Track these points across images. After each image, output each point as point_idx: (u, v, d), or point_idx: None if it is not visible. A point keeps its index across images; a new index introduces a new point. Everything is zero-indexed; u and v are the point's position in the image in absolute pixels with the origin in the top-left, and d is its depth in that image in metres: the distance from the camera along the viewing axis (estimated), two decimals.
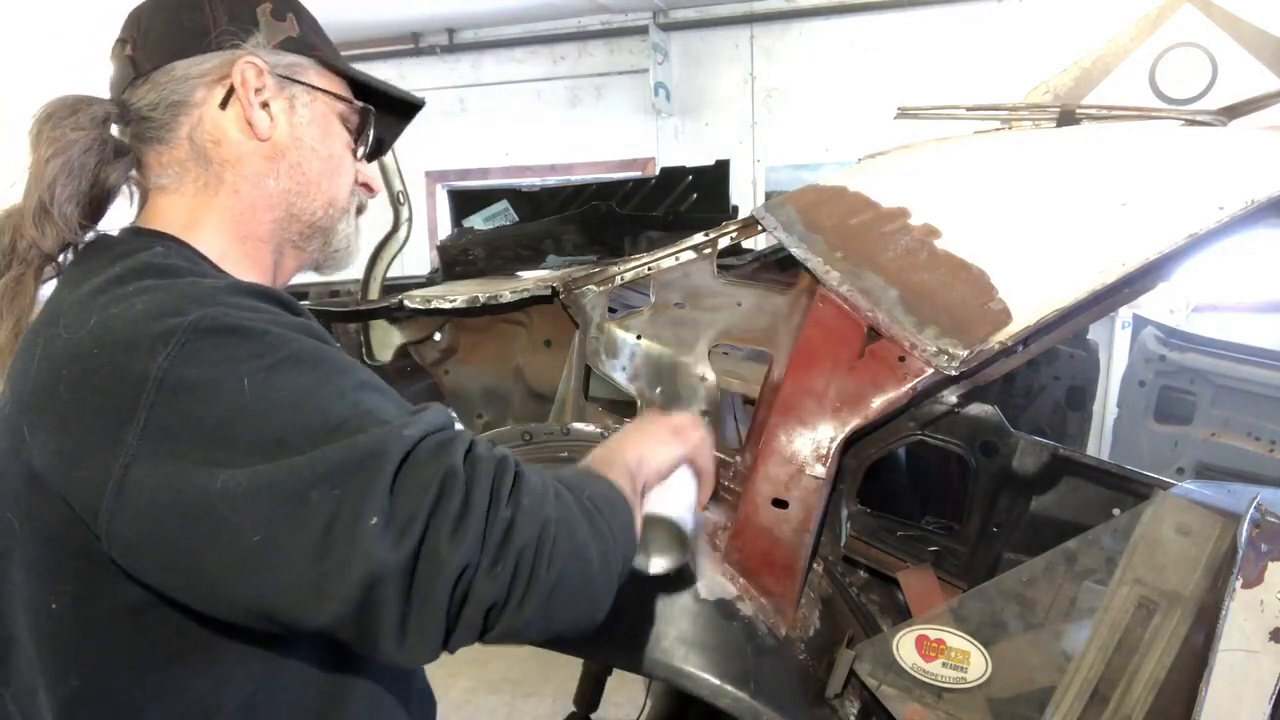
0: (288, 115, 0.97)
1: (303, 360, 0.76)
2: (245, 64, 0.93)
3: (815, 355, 1.34)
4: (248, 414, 0.72)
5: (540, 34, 5.94)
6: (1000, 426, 1.34)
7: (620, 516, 0.88)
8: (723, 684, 1.22)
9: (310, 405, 0.74)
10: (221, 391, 0.73)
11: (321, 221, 1.01)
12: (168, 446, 0.72)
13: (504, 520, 0.72)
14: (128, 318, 0.76)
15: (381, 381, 0.83)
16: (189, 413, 0.72)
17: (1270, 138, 1.39)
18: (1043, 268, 1.28)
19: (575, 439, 1.54)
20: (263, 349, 0.75)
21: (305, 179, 0.98)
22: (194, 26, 0.94)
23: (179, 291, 0.79)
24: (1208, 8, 2.17)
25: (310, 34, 1.00)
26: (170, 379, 0.72)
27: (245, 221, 0.96)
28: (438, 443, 0.74)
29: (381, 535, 0.68)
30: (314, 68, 1.00)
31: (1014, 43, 4.82)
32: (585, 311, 1.61)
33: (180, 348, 0.73)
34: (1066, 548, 1.20)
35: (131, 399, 0.72)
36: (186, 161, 0.94)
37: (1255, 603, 1.04)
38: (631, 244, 2.68)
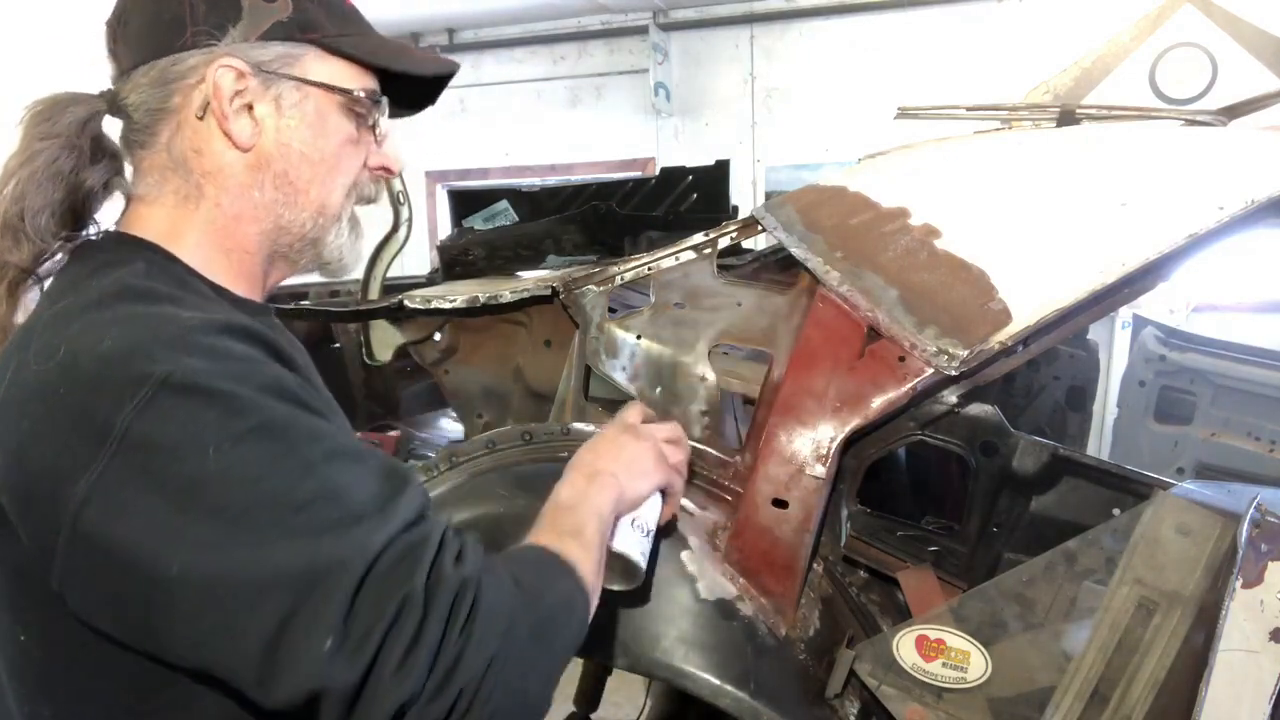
0: (274, 118, 0.89)
1: (271, 429, 0.73)
2: (221, 68, 0.85)
3: (815, 355, 1.33)
4: (209, 485, 0.70)
5: (540, 34, 5.94)
6: (1000, 426, 1.34)
7: (575, 623, 0.86)
8: (723, 684, 1.22)
9: (274, 482, 0.71)
10: (185, 457, 0.70)
11: (312, 232, 0.94)
12: (121, 504, 0.70)
13: (452, 653, 0.70)
14: (96, 354, 0.73)
15: (354, 444, 0.79)
16: (148, 472, 0.70)
17: (1270, 138, 1.39)
18: (1043, 268, 1.28)
19: (575, 439, 1.54)
20: (231, 415, 0.71)
21: (293, 188, 0.91)
22: (171, 19, 0.86)
23: (151, 329, 0.75)
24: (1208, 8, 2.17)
25: (310, 8, 0.90)
26: (133, 435, 0.69)
27: (229, 235, 0.90)
28: (402, 552, 0.71)
29: (333, 656, 0.67)
30: (311, 54, 0.90)
31: (1014, 43, 4.82)
32: (585, 311, 1.61)
33: (147, 402, 0.70)
34: (1066, 548, 1.20)
35: (91, 448, 0.70)
36: (166, 170, 0.89)
37: (1255, 603, 1.04)
38: (631, 244, 2.67)
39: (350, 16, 0.95)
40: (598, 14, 5.73)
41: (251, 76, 0.87)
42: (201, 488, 0.70)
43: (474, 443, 1.57)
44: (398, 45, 0.98)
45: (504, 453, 1.54)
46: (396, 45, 0.98)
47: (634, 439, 1.10)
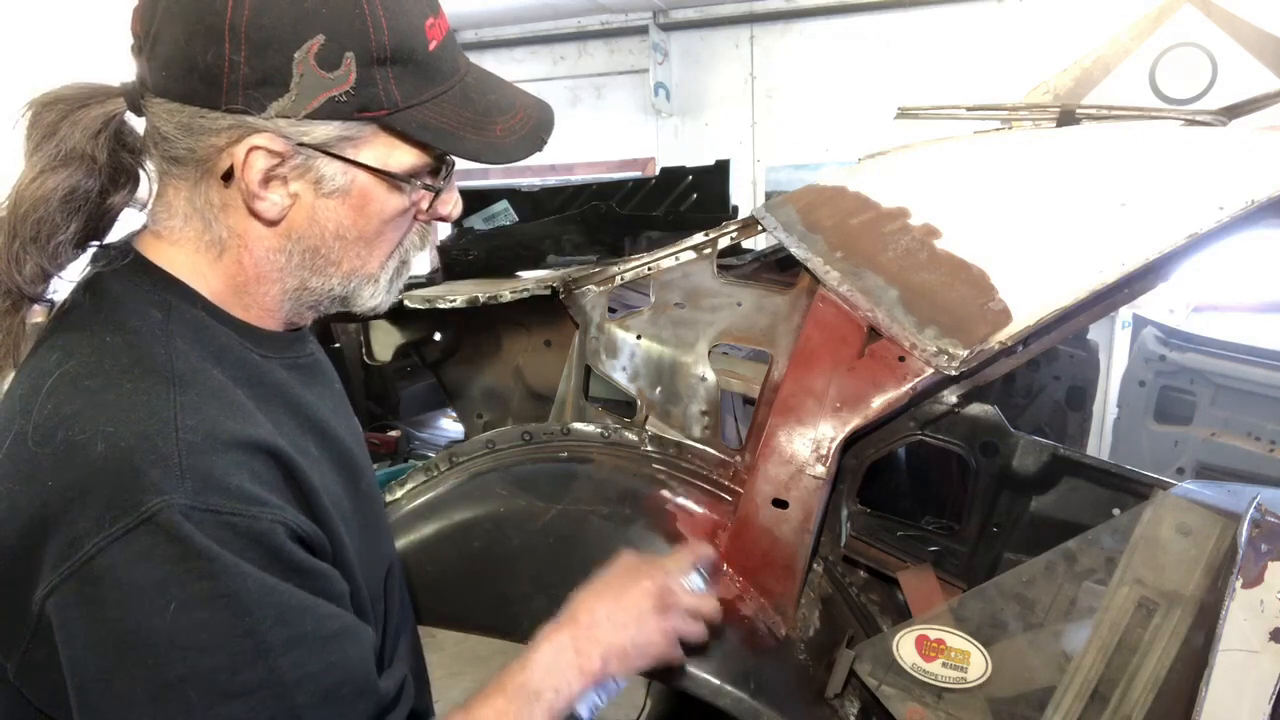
0: (310, 196, 0.79)
1: (237, 601, 0.68)
2: (252, 149, 0.75)
3: (815, 355, 1.33)
4: (154, 642, 0.67)
5: (540, 34, 5.93)
6: (1000, 426, 1.34)
7: None
8: (723, 684, 1.22)
9: (219, 658, 0.68)
10: (140, 605, 0.67)
11: (340, 291, 0.86)
12: (74, 624, 0.68)
13: None
14: (88, 460, 0.69)
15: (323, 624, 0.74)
16: (102, 606, 0.67)
17: (1270, 138, 1.39)
18: (1043, 268, 1.27)
19: (575, 439, 1.54)
20: (201, 576, 0.67)
21: (324, 260, 0.83)
22: (205, 70, 0.73)
23: (149, 438, 0.70)
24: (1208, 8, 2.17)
25: (379, 78, 0.76)
26: (99, 562, 0.67)
27: (249, 291, 0.84)
28: None
29: None
30: (369, 134, 0.78)
31: (1014, 43, 4.81)
32: (585, 311, 1.61)
33: (123, 534, 0.67)
34: (1066, 548, 1.20)
35: (57, 557, 0.68)
36: (190, 213, 0.81)
37: (1255, 603, 1.04)
38: (631, 244, 2.68)
39: (433, 69, 0.81)
40: (598, 14, 5.73)
41: (291, 155, 0.77)
42: (146, 642, 0.67)
43: (474, 443, 1.57)
44: (481, 110, 0.84)
45: (504, 453, 1.55)
46: (480, 110, 0.84)
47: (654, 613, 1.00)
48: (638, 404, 1.57)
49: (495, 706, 0.88)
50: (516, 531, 1.41)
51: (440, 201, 0.88)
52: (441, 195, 0.87)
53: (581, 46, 5.94)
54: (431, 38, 0.80)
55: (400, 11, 0.77)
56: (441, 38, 0.81)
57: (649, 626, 0.99)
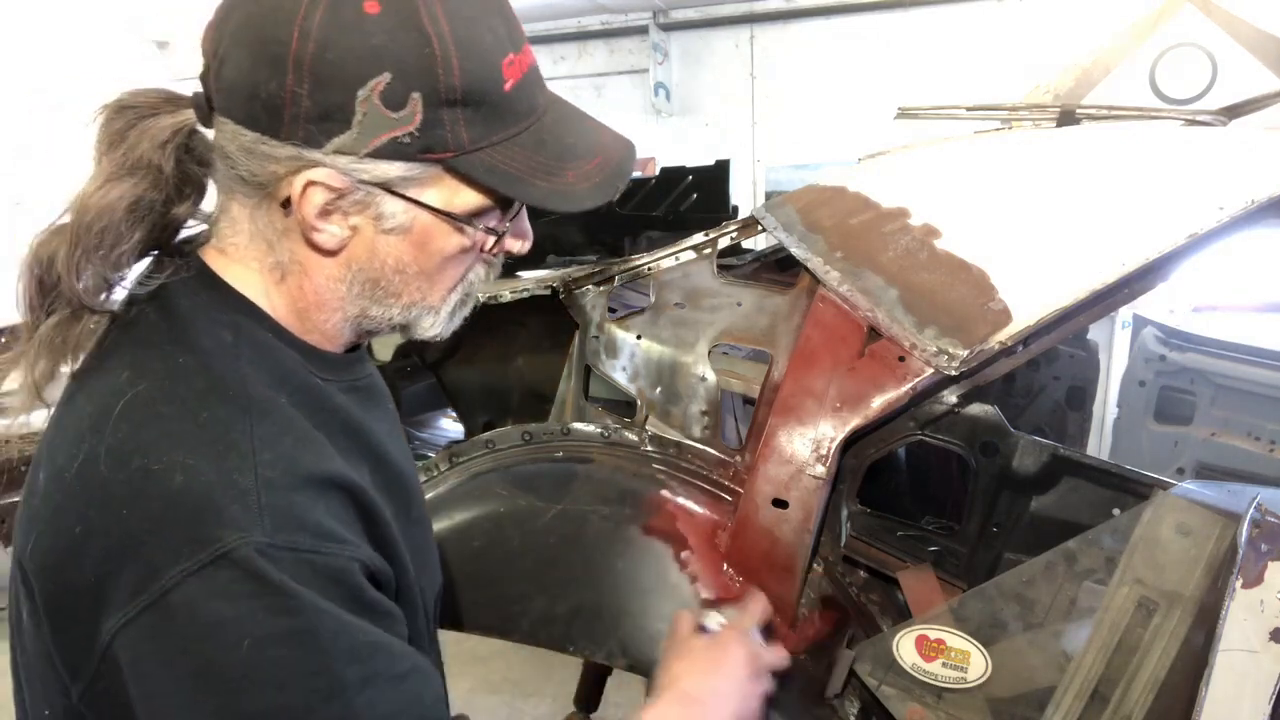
0: (371, 230, 0.78)
1: (313, 638, 0.68)
2: (310, 185, 0.74)
3: (815, 355, 1.33)
4: (231, 678, 0.66)
5: (540, 34, 5.93)
6: (1000, 426, 1.34)
7: None
8: None
9: (296, 696, 0.67)
10: (218, 641, 0.66)
11: (399, 320, 0.85)
12: (145, 655, 0.68)
13: None
14: (166, 492, 0.68)
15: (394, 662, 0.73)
16: (177, 640, 0.67)
17: (1270, 138, 1.39)
18: (1043, 268, 1.27)
19: (575, 439, 1.54)
20: (278, 613, 0.67)
21: (383, 292, 0.82)
22: (268, 99, 0.71)
23: (227, 474, 0.70)
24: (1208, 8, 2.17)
25: (445, 119, 0.73)
26: (175, 596, 0.66)
27: (310, 317, 0.83)
28: None
29: None
30: (434, 174, 0.76)
31: (1014, 43, 4.82)
32: (585, 311, 1.61)
33: (200, 568, 0.66)
34: (1066, 548, 1.20)
35: (129, 590, 0.67)
36: (254, 234, 0.80)
37: (1255, 603, 1.04)
38: (631, 244, 2.68)
39: (507, 110, 0.77)
40: (598, 14, 5.73)
41: (351, 191, 0.75)
42: (223, 678, 0.66)
43: (474, 443, 1.57)
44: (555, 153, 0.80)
45: (504, 453, 1.55)
46: (554, 154, 0.80)
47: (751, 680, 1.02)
48: (638, 404, 1.57)
49: None
50: (516, 531, 1.41)
51: (508, 240, 0.86)
52: (511, 231, 0.86)
53: (581, 46, 5.94)
54: (509, 77, 0.76)
55: (475, 51, 0.74)
56: (520, 77, 0.78)
57: (748, 694, 1.01)
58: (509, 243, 0.86)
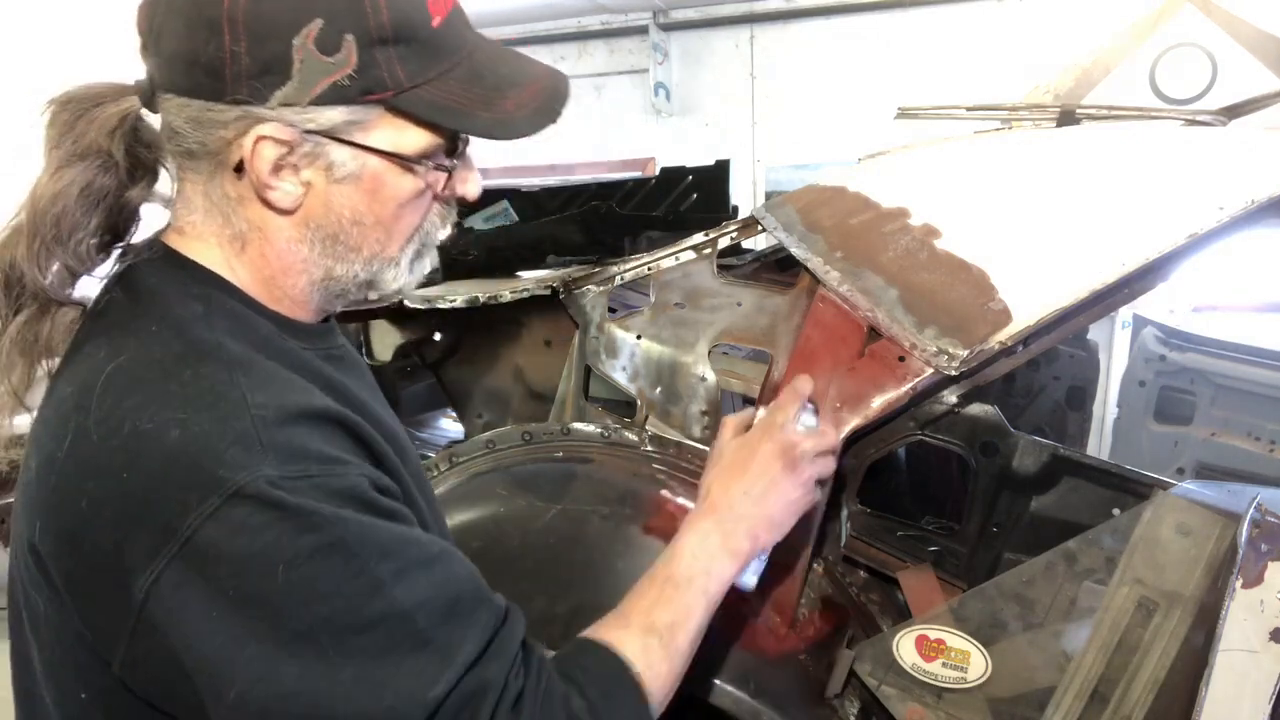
0: (323, 184, 0.79)
1: (342, 546, 0.69)
2: (259, 140, 0.75)
3: (815, 355, 1.33)
4: (274, 603, 0.68)
5: (540, 34, 5.93)
6: (1000, 426, 1.34)
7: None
8: (723, 684, 1.22)
9: (340, 600, 0.69)
10: (252, 572, 0.67)
11: (364, 276, 0.86)
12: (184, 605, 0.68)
13: None
14: (164, 448, 0.69)
15: (426, 550, 0.76)
16: (212, 582, 0.67)
17: (1270, 138, 1.39)
18: (1043, 268, 1.27)
19: (575, 439, 1.54)
20: (302, 531, 0.68)
21: (343, 247, 0.82)
22: (208, 63, 0.73)
23: (221, 421, 0.70)
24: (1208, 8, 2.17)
25: (383, 58, 0.75)
26: (198, 541, 0.67)
27: (277, 284, 0.84)
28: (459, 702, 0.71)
29: None
30: (376, 116, 0.77)
31: (1014, 43, 4.82)
32: (585, 311, 1.61)
33: (215, 510, 0.67)
34: (1066, 548, 1.20)
35: (151, 548, 0.67)
36: (209, 207, 0.81)
37: (1255, 603, 1.04)
38: (631, 244, 2.68)
39: (438, 47, 0.79)
40: (598, 14, 5.73)
41: (299, 143, 0.76)
42: (265, 605, 0.68)
43: (474, 443, 1.57)
44: (491, 85, 0.82)
45: (504, 453, 1.55)
46: (490, 86, 0.82)
47: (785, 473, 1.03)
48: (638, 404, 1.57)
49: (648, 597, 0.91)
50: (516, 532, 1.41)
51: (458, 180, 0.87)
52: (459, 173, 0.86)
53: (581, 46, 5.94)
54: (434, 13, 0.78)
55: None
56: (446, 13, 0.80)
57: (785, 488, 1.02)
58: (459, 184, 0.87)
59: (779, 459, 1.04)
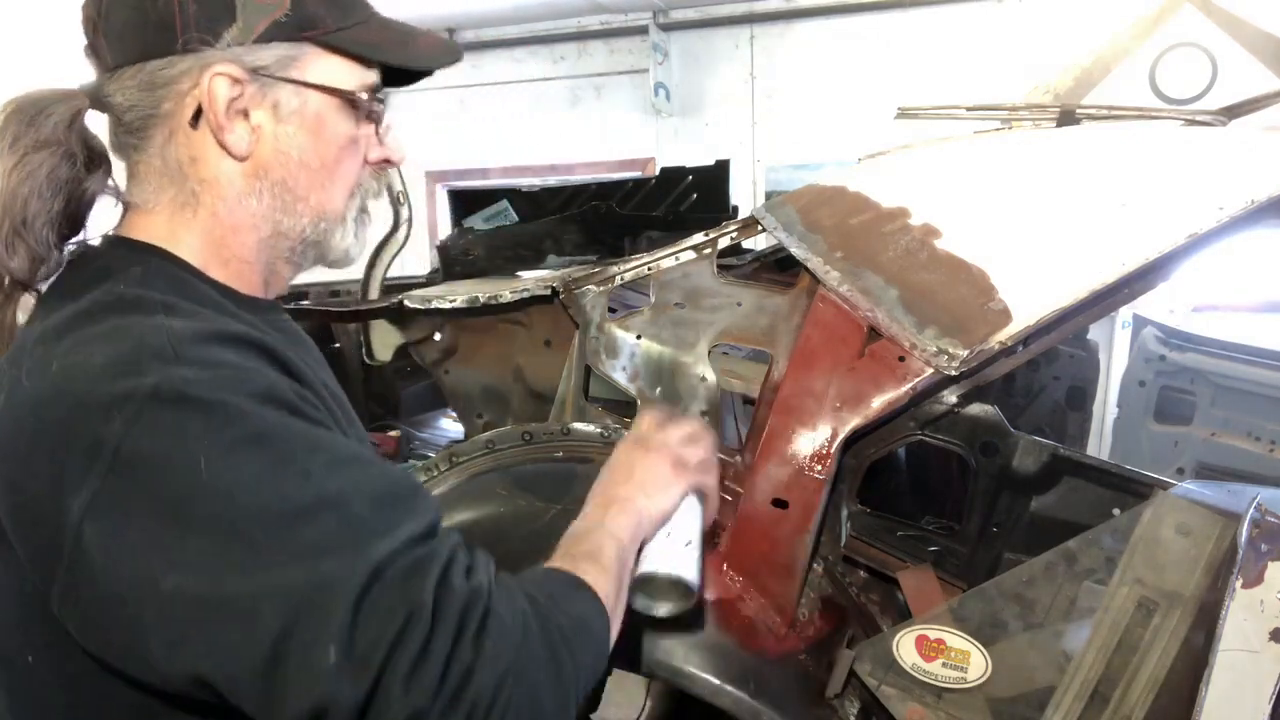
0: (272, 125, 0.85)
1: (265, 437, 0.70)
2: (215, 76, 0.81)
3: (815, 355, 1.33)
4: (202, 496, 0.67)
5: (540, 34, 5.93)
6: (1000, 426, 1.34)
7: (592, 643, 0.83)
8: (723, 684, 1.22)
9: (269, 489, 0.68)
10: (176, 470, 0.68)
11: (312, 235, 0.91)
12: (119, 520, 0.68)
13: (462, 667, 0.68)
14: (87, 370, 0.71)
15: (358, 450, 0.76)
16: (140, 488, 0.68)
17: (1270, 138, 1.39)
18: (1043, 268, 1.28)
19: (575, 439, 1.54)
20: (222, 424, 0.69)
21: (292, 195, 0.88)
22: (158, 19, 0.80)
23: (141, 340, 0.73)
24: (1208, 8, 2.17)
25: (311, 4, 0.85)
26: (124, 450, 0.68)
27: (227, 244, 0.88)
28: (408, 566, 0.69)
29: (338, 671, 0.64)
30: (310, 53, 0.86)
31: (1014, 43, 4.82)
32: (585, 311, 1.61)
33: (135, 416, 0.68)
34: (1066, 548, 1.20)
35: (82, 467, 0.68)
36: (161, 177, 0.86)
37: (1255, 603, 1.04)
38: (631, 244, 2.68)
39: (351, 3, 0.90)
40: (598, 14, 5.73)
41: (248, 83, 0.83)
42: (193, 501, 0.67)
43: (474, 443, 1.57)
44: (401, 32, 0.94)
45: (504, 453, 1.55)
46: (400, 32, 0.93)
47: (644, 453, 1.07)
48: (638, 404, 1.57)
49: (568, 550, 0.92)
50: (517, 532, 1.41)
51: (386, 142, 0.95)
52: (386, 138, 0.95)
53: (581, 46, 5.93)
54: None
55: None
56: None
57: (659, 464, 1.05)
58: (387, 147, 0.95)
59: (635, 449, 1.08)
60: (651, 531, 1.02)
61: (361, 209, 0.96)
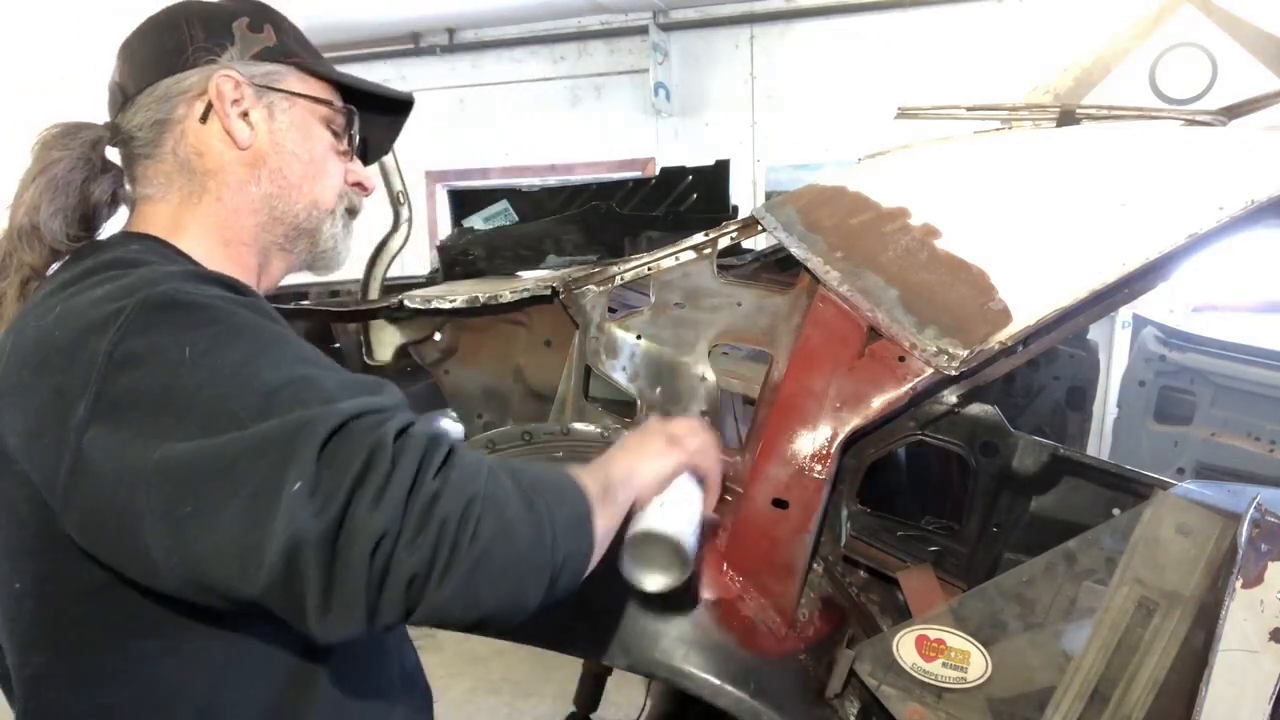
0: (267, 122, 1.00)
1: (243, 332, 0.79)
2: (221, 77, 0.97)
3: (815, 355, 1.33)
4: (186, 381, 0.75)
5: (540, 34, 5.94)
6: (1000, 426, 1.34)
7: (567, 505, 0.85)
8: (723, 684, 1.22)
9: (247, 373, 0.76)
10: (164, 362, 0.75)
11: (305, 223, 1.04)
12: (115, 418, 0.74)
13: (429, 492, 0.71)
14: (87, 302, 0.81)
15: (326, 359, 0.83)
16: (134, 384, 0.75)
17: (1270, 138, 1.39)
18: (1043, 268, 1.28)
19: (575, 439, 1.54)
20: (205, 321, 0.78)
21: (287, 182, 1.02)
22: (174, 46, 0.98)
23: (137, 276, 0.83)
24: (1208, 8, 2.17)
25: (289, 42, 1.03)
26: (118, 353, 0.75)
27: (228, 226, 1.00)
28: (372, 420, 0.74)
29: (304, 503, 0.68)
30: (293, 74, 1.03)
31: (1014, 43, 4.82)
32: (585, 311, 1.61)
33: (129, 322, 0.76)
34: (1066, 548, 1.20)
35: (84, 374, 0.75)
36: (173, 173, 0.99)
37: (1255, 603, 1.04)
38: (631, 244, 2.68)
39: (318, 53, 1.08)
40: (598, 14, 5.73)
41: (246, 86, 0.99)
42: (180, 386, 0.75)
43: (474, 443, 1.57)
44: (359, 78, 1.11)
45: (504, 453, 1.55)
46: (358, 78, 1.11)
47: (640, 434, 1.13)
48: (638, 404, 1.57)
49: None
50: None
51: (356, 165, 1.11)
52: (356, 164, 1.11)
53: (581, 46, 5.94)
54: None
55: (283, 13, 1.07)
56: None
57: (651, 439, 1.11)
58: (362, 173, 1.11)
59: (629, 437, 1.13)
60: (647, 495, 1.05)
61: (348, 210, 1.10)
